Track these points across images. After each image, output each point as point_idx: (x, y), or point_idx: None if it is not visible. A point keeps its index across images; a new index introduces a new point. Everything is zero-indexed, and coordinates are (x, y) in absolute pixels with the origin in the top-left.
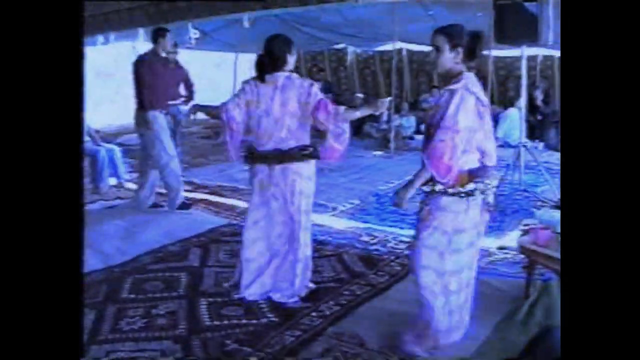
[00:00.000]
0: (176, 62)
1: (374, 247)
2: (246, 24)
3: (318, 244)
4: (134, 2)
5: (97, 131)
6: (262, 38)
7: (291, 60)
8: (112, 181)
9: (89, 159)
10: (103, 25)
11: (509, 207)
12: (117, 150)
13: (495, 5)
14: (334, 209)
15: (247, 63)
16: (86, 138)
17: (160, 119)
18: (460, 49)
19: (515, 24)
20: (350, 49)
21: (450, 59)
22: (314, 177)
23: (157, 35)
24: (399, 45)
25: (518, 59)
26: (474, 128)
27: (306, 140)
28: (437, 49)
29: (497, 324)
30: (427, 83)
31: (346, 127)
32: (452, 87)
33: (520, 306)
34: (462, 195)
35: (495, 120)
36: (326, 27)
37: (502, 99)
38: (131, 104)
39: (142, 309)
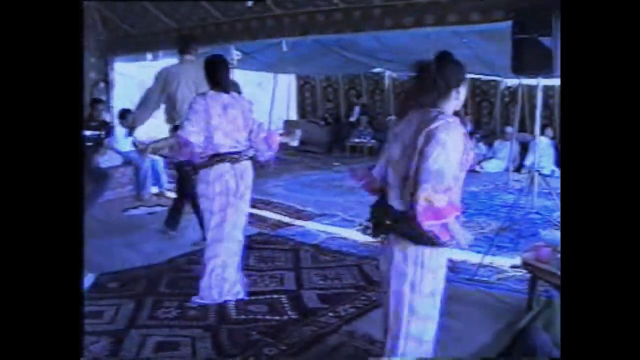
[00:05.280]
0: None
1: None
2: (285, 48)
3: (341, 255)
4: (183, 25)
5: (142, 142)
6: (299, 60)
7: None
8: (154, 190)
9: (133, 168)
10: (153, 44)
11: (524, 230)
12: (160, 161)
13: (514, 40)
14: (360, 224)
15: (284, 83)
16: (131, 148)
17: None
18: None
19: (532, 57)
20: (387, 73)
21: None
22: None
23: None
24: None
25: None
26: None
27: None
28: None
29: (497, 332)
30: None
31: None
32: None
33: (522, 317)
34: None
35: (525, 147)
36: (364, 51)
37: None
38: None
39: (176, 302)
